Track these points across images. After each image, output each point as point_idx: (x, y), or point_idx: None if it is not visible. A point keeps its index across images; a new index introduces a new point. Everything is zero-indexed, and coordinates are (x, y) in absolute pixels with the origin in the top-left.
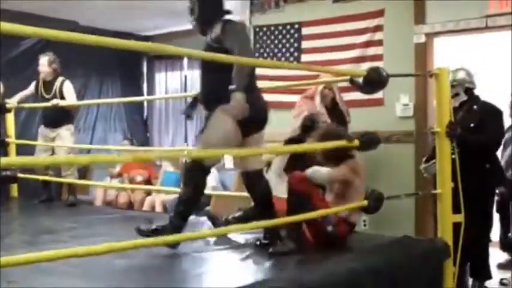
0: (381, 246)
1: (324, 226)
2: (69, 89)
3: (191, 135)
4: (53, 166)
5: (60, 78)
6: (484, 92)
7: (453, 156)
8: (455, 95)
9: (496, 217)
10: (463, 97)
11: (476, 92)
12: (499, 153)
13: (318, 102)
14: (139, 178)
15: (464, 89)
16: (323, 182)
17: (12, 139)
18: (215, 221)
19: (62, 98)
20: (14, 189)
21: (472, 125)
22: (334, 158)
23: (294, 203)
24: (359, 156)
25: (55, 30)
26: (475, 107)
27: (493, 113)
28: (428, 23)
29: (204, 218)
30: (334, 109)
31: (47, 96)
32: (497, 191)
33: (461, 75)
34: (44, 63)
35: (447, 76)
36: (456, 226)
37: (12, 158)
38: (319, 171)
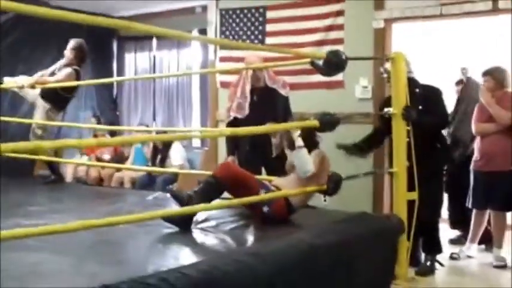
0: (340, 222)
1: (259, 207)
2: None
3: (159, 113)
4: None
5: None
6: (435, 76)
7: (408, 138)
8: None
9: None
10: None
11: (428, 74)
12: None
13: (247, 89)
14: (106, 157)
15: None
16: (306, 174)
17: None
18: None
19: None
20: None
21: (420, 107)
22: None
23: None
24: (322, 147)
25: (30, 6)
26: (417, 90)
27: (436, 94)
28: (387, 9)
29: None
30: (266, 89)
31: None
32: (445, 171)
33: None
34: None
35: (403, 60)
36: (410, 203)
37: None
38: (307, 164)
